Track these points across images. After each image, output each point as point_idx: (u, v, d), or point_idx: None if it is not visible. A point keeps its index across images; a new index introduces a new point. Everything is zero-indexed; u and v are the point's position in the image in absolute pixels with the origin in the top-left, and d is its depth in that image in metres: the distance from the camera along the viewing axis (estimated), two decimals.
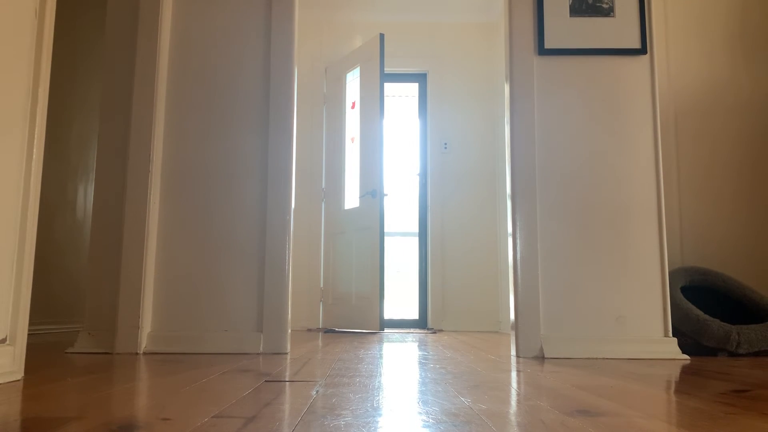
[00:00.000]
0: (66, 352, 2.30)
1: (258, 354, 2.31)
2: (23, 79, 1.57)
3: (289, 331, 2.45)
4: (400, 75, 5.48)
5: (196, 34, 2.59)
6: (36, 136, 1.60)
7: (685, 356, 2.34)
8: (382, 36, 4.59)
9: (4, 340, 1.49)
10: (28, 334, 3.18)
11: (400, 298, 6.31)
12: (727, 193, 3.12)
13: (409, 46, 5.33)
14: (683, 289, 2.90)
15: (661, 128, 3.12)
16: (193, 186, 2.50)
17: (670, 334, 2.37)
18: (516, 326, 2.36)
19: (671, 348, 2.34)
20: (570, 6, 2.54)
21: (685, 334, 2.60)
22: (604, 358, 2.28)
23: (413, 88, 5.55)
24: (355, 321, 4.51)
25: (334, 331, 4.50)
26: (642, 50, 2.51)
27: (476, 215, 5.11)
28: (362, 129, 4.75)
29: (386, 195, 4.72)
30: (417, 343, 3.08)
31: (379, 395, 1.25)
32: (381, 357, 2.21)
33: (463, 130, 5.21)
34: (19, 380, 1.48)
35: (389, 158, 5.54)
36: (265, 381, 1.48)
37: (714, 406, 1.15)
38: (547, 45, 2.52)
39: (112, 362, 1.95)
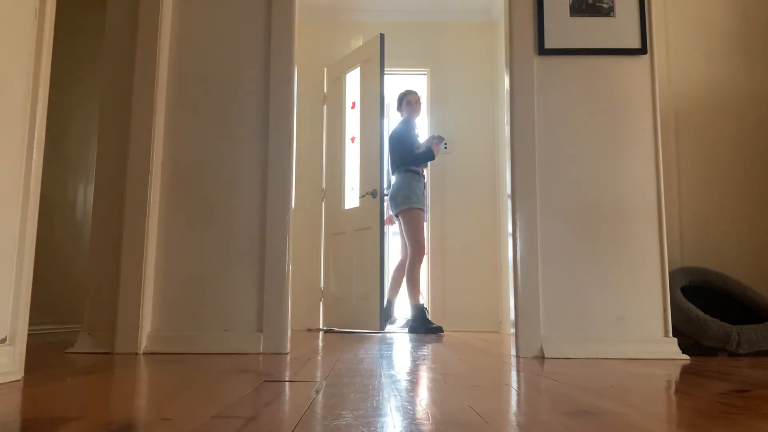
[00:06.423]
0: (66, 352, 2.30)
1: (258, 354, 2.31)
2: (23, 79, 1.57)
3: (289, 331, 2.45)
4: (401, 75, 5.49)
5: (196, 34, 2.58)
6: (36, 136, 1.60)
7: (685, 356, 2.34)
8: (382, 36, 4.59)
9: (4, 340, 1.49)
10: (28, 334, 3.18)
11: (401, 298, 6.29)
12: (727, 193, 3.12)
13: (410, 46, 5.33)
14: (683, 290, 2.90)
15: (661, 128, 3.11)
16: (193, 186, 2.49)
17: (671, 334, 2.37)
18: (516, 326, 2.36)
19: (671, 348, 2.34)
20: (570, 6, 2.54)
21: (685, 334, 2.60)
22: (604, 358, 2.28)
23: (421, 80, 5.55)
24: (355, 321, 4.51)
25: (333, 331, 4.50)
26: (642, 50, 2.51)
27: (476, 215, 5.11)
28: (362, 129, 4.74)
29: (386, 195, 4.72)
30: (417, 343, 3.08)
31: (379, 395, 1.25)
32: (381, 357, 2.21)
33: (464, 130, 5.21)
34: (19, 380, 1.48)
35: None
36: (265, 381, 1.48)
37: (714, 406, 1.15)
38: (547, 45, 2.52)
39: (112, 362, 1.95)
